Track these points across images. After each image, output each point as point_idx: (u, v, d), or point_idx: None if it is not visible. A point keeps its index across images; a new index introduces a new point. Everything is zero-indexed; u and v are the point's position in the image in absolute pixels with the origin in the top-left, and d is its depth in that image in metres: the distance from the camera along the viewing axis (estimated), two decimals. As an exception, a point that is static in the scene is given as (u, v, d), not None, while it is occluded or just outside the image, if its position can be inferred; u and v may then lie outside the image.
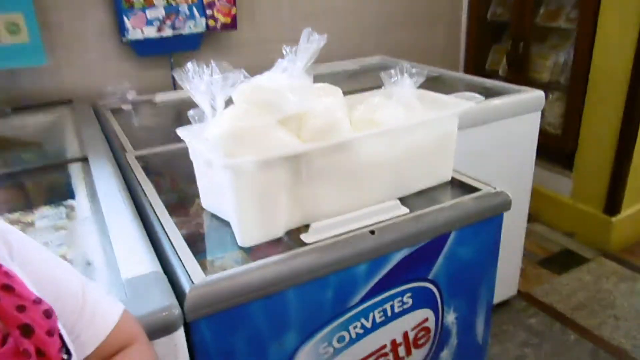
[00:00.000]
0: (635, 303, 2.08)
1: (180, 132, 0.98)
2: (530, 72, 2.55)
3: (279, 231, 0.93)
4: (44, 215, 1.15)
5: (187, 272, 0.82)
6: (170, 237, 0.93)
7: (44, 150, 1.65)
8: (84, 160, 1.32)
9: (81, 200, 1.19)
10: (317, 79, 1.03)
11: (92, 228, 0.99)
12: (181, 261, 0.86)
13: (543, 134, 1.99)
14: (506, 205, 1.07)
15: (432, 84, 2.06)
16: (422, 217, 0.98)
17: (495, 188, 1.08)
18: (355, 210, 0.98)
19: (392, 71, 1.13)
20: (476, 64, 2.85)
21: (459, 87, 1.97)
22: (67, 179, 1.31)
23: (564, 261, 2.37)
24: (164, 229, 0.96)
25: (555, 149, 2.50)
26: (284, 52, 1.00)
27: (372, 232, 0.93)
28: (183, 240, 0.92)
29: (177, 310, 0.72)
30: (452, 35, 2.86)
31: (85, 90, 2.00)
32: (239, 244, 0.90)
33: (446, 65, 2.82)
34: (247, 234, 0.90)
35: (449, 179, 1.14)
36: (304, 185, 0.92)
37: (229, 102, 0.93)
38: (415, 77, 1.12)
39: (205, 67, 0.92)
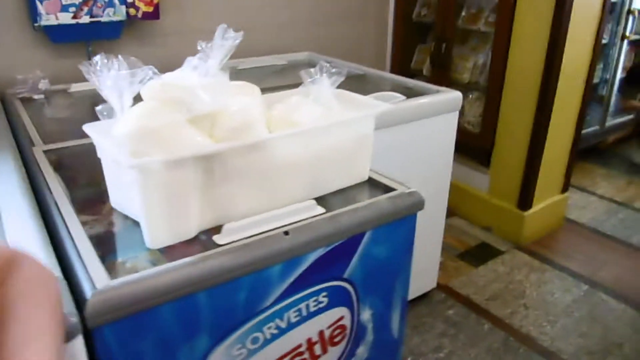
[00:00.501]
0: (543, 292, 2.23)
1: (87, 128, 0.93)
2: (453, 72, 2.65)
3: (190, 232, 0.91)
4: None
5: (89, 276, 0.79)
6: (74, 238, 0.88)
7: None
8: (-15, 154, 1.23)
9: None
10: (243, 73, 1.02)
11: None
12: (84, 264, 0.82)
13: (462, 132, 2.08)
14: (419, 204, 1.11)
15: (357, 82, 2.10)
16: (337, 217, 1.00)
17: (409, 188, 1.11)
18: (271, 210, 0.98)
19: (312, 70, 1.14)
20: (402, 63, 2.92)
21: (382, 86, 2.01)
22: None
23: (480, 254, 2.50)
24: (67, 229, 0.92)
25: (474, 146, 2.61)
26: (199, 48, 0.98)
27: (287, 232, 0.93)
28: (88, 242, 0.88)
29: (73, 319, 0.69)
30: (380, 33, 2.92)
31: (-9, 78, 1.86)
32: (147, 245, 0.87)
33: (373, 63, 2.88)
34: (155, 236, 0.87)
35: (366, 178, 1.16)
36: (217, 186, 0.90)
37: (138, 99, 0.90)
38: (335, 77, 1.12)
39: (114, 60, 0.88)
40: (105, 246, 0.90)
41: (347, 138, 1.07)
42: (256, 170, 0.94)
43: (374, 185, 1.15)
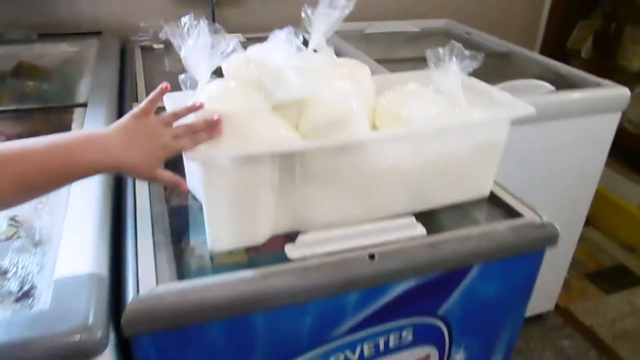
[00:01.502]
0: (691, 342, 1.83)
1: (166, 99, 0.82)
2: (619, 57, 2.20)
3: (259, 237, 0.77)
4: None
5: (137, 277, 0.69)
6: (137, 224, 0.80)
7: (57, 85, 1.54)
8: (85, 106, 1.20)
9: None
10: (369, 39, 0.83)
11: (56, 199, 0.87)
12: (137, 260, 0.72)
13: (619, 131, 1.69)
14: (551, 240, 0.86)
15: (497, 62, 1.80)
16: (439, 245, 0.80)
17: (540, 217, 0.87)
18: (359, 221, 0.81)
19: (440, 50, 0.92)
20: (556, 40, 2.49)
21: (528, 70, 1.69)
22: (63, 127, 1.19)
23: (616, 278, 2.11)
24: (135, 210, 0.83)
25: (632, 150, 2.18)
26: (303, 15, 0.81)
27: (372, 256, 0.76)
28: (150, 229, 0.79)
29: (99, 332, 0.59)
30: (533, 2, 2.50)
31: (118, 24, 1.86)
32: (209, 247, 0.75)
33: (522, 37, 2.49)
34: (218, 238, 0.75)
35: (486, 195, 0.93)
36: (296, 187, 0.75)
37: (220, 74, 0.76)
38: (467, 61, 0.90)
39: (202, 23, 0.75)
40: (171, 234, 0.81)
41: (471, 145, 0.85)
42: (347, 174, 0.76)
43: (495, 204, 0.92)
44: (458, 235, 0.82)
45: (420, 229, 0.82)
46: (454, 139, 0.82)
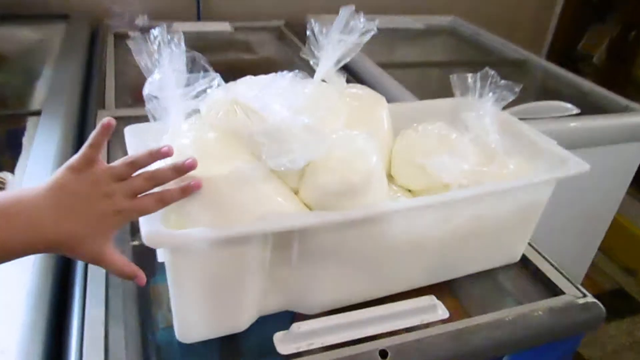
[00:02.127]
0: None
1: (127, 133, 0.64)
2: (636, 67, 2.05)
3: (241, 324, 0.60)
4: (-39, 192, 0.85)
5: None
6: (87, 291, 0.63)
7: (14, 77, 1.33)
8: (39, 114, 1.01)
9: (20, 177, 0.88)
10: (371, 38, 0.65)
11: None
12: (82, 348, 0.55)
13: None
14: (596, 323, 0.71)
15: (512, 72, 1.63)
16: (466, 336, 0.64)
17: (584, 294, 0.72)
18: (368, 298, 0.65)
19: (470, 78, 0.76)
20: (566, 43, 2.33)
21: (545, 83, 1.53)
22: (17, 139, 0.99)
23: (615, 305, 2.00)
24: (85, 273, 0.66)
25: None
26: (308, 33, 0.64)
27: (384, 354, 0.60)
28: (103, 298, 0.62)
29: None
30: (543, 3, 2.34)
31: (90, 5, 1.65)
32: (177, 337, 0.59)
33: (528, 38, 2.33)
34: (187, 329, 0.58)
35: (517, 259, 0.77)
36: (292, 266, 0.58)
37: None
38: (502, 93, 0.74)
39: (175, 41, 0.56)
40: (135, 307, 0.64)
41: (507, 208, 0.69)
42: (356, 249, 0.60)
43: (526, 271, 0.77)
44: (487, 321, 0.66)
45: (441, 311, 0.66)
46: (489, 203, 0.66)
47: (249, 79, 0.59)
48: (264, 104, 0.49)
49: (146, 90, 0.53)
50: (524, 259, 0.78)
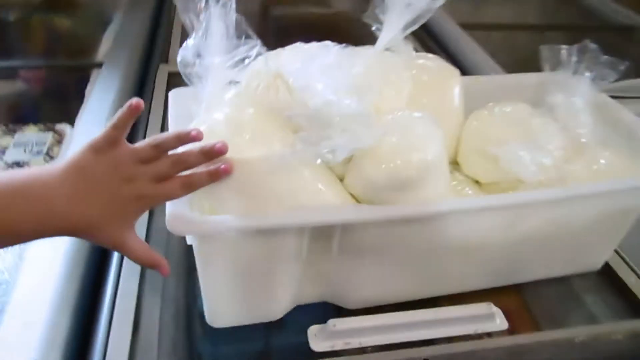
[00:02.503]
0: None
1: (172, 98, 0.60)
2: None
3: (276, 313, 0.56)
4: (21, 141, 0.86)
5: None
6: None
7: (84, 24, 1.34)
8: (100, 67, 0.99)
9: (80, 126, 0.88)
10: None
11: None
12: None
13: None
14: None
15: (616, 40, 1.43)
16: (525, 353, 0.56)
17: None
18: (414, 297, 0.59)
19: (564, 51, 0.65)
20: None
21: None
22: (82, 90, 0.99)
23: None
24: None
25: None
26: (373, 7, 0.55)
27: (428, 365, 0.54)
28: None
29: None
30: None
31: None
32: (207, 321, 0.55)
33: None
34: (218, 314, 0.54)
35: (597, 268, 0.67)
36: (332, 258, 0.52)
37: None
38: (603, 71, 0.63)
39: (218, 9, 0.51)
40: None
41: (594, 213, 0.58)
42: (406, 246, 0.53)
43: (608, 282, 0.67)
44: (554, 338, 0.58)
45: (500, 321, 0.58)
46: (569, 207, 0.56)
47: (298, 46, 0.52)
48: (305, 82, 0.42)
49: (180, 56, 0.47)
50: (607, 268, 0.67)
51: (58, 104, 1.01)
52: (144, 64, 1.06)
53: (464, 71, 1.04)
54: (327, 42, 0.52)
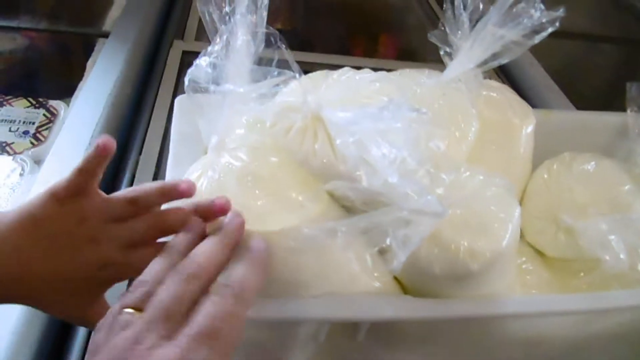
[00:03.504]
0: None
1: (178, 106, 0.49)
2: None
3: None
4: (8, 117, 0.75)
5: None
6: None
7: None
8: (106, 37, 0.87)
9: (76, 106, 0.77)
10: None
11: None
12: None
13: None
14: None
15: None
16: None
17: None
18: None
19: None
20: None
21: None
22: (83, 62, 0.86)
23: None
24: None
25: None
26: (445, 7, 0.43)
27: None
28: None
29: None
30: None
31: None
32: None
33: None
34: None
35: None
36: (356, 346, 0.42)
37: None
38: None
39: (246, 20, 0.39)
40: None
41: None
42: (455, 342, 0.42)
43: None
44: None
45: None
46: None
47: (345, 73, 0.40)
48: (356, 141, 0.30)
49: (189, 76, 0.35)
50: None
51: (54, 76, 0.90)
52: (156, 37, 0.93)
53: (517, 90, 0.91)
54: (383, 73, 0.40)
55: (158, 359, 0.24)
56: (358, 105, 0.34)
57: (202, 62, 0.35)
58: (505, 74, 0.98)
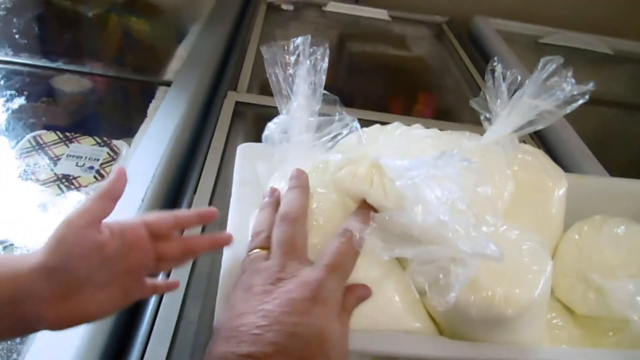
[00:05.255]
0: None
1: (240, 154, 0.54)
2: None
3: None
4: (75, 153, 0.83)
5: None
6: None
7: (161, 29, 1.32)
8: (169, 85, 0.96)
9: (140, 146, 0.83)
10: (543, 52, 0.48)
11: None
12: None
13: None
14: None
15: None
16: None
17: None
18: None
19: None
20: None
21: None
22: (142, 106, 0.94)
23: None
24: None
25: None
26: (487, 77, 0.48)
27: None
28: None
29: None
30: None
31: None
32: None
33: None
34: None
35: None
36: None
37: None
38: None
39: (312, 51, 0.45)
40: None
41: None
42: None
43: None
44: None
45: None
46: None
47: (398, 127, 0.45)
48: (415, 190, 0.34)
49: (267, 131, 0.41)
50: None
51: (118, 118, 0.98)
52: (213, 88, 1.01)
53: (551, 154, 0.95)
54: (434, 130, 0.45)
55: (304, 278, 0.32)
56: (412, 157, 0.38)
57: (277, 120, 0.40)
58: (540, 139, 1.02)
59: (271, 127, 0.41)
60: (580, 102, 0.43)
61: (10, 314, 0.31)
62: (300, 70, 0.46)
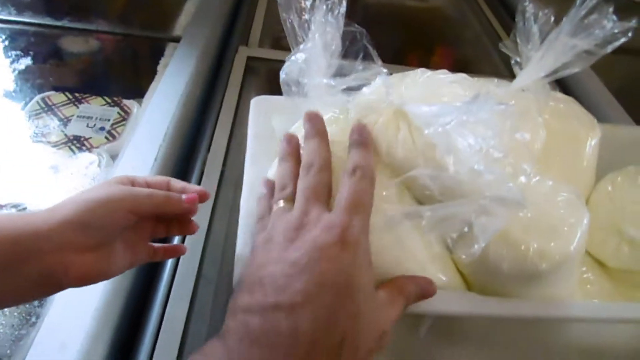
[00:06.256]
0: None
1: (254, 107, 0.52)
2: None
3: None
4: (85, 114, 0.81)
5: None
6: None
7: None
8: (178, 41, 0.92)
9: (150, 105, 0.81)
10: None
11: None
12: None
13: None
14: None
15: None
16: None
17: None
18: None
19: None
20: None
21: None
22: (155, 64, 0.91)
23: None
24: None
25: None
26: (518, 20, 0.45)
27: None
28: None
29: None
30: None
31: None
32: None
33: None
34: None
35: None
36: (414, 345, 0.43)
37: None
38: None
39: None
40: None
41: None
42: (513, 344, 0.43)
43: None
44: None
45: None
46: None
47: (423, 73, 0.42)
48: (447, 138, 0.32)
49: (284, 73, 0.39)
50: None
51: (128, 77, 0.95)
52: (223, 43, 0.98)
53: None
54: (462, 75, 0.41)
55: (326, 223, 0.31)
56: (441, 103, 0.35)
57: (297, 57, 0.38)
58: (565, 91, 0.97)
59: (291, 66, 0.38)
60: (622, 40, 0.40)
61: (36, 267, 0.30)
62: (316, 16, 0.43)
